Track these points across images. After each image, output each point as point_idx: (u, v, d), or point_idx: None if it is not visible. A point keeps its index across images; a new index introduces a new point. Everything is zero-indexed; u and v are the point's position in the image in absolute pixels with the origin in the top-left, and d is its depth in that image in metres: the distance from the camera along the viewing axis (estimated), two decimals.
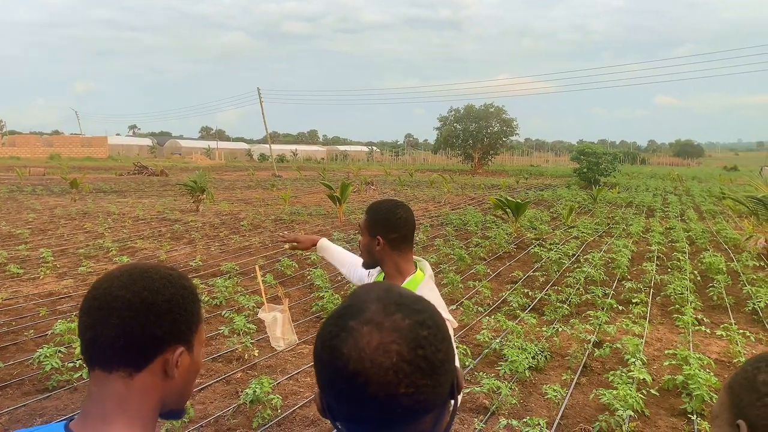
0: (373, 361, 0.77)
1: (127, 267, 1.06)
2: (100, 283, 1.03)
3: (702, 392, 4.90)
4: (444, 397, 0.82)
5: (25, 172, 34.05)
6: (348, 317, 0.82)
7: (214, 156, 73.92)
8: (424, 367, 0.78)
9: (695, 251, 12.65)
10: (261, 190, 28.33)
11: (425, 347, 0.79)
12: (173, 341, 1.02)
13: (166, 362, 1.02)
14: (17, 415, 4.72)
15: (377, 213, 2.27)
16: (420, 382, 0.78)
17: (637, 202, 24.54)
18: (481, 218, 17.28)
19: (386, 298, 0.83)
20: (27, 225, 15.02)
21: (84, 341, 1.01)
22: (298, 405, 5.01)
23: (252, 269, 9.88)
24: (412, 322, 0.80)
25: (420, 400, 0.78)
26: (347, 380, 0.78)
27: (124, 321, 0.98)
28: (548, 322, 7.38)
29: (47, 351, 5.45)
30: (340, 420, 0.83)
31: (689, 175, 48.94)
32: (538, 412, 4.92)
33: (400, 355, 0.77)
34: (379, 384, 0.77)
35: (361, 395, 0.78)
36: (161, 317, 1.01)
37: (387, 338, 0.78)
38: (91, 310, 1.00)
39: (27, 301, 7.96)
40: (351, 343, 0.79)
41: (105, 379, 1.00)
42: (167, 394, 1.04)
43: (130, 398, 1.00)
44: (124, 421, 0.99)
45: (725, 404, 1.00)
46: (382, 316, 0.80)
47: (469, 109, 55.71)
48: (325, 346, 0.82)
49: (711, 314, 7.91)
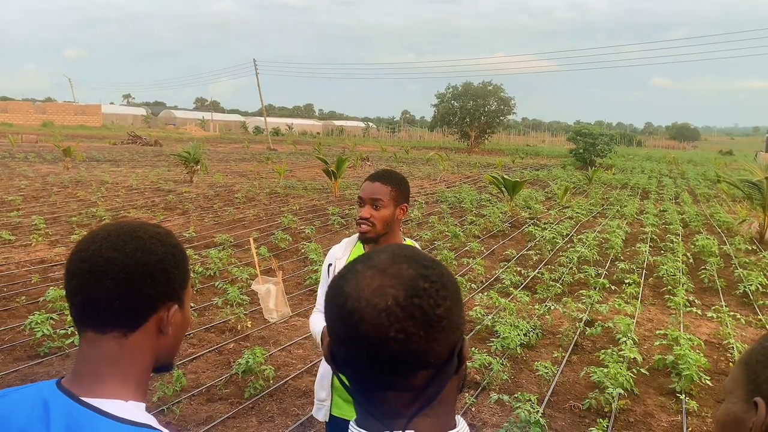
0: (368, 301, 0.78)
1: (113, 226, 1.03)
2: (86, 245, 1.00)
3: (691, 372, 4.95)
4: (441, 358, 0.81)
5: (17, 138, 33.73)
6: (357, 262, 0.85)
7: (209, 127, 73.39)
8: (418, 316, 0.78)
9: (688, 234, 12.70)
10: (256, 163, 28.18)
11: (423, 298, 0.79)
12: (167, 300, 1.02)
13: (160, 320, 1.02)
14: (9, 380, 4.72)
15: (403, 182, 2.29)
16: (411, 330, 0.77)
17: (632, 183, 24.57)
18: (476, 196, 17.27)
19: (397, 251, 0.85)
20: (19, 192, 14.91)
21: (74, 304, 0.98)
22: (290, 376, 5.02)
23: (246, 242, 9.85)
24: (416, 273, 0.81)
25: (411, 350, 0.78)
26: (344, 318, 0.80)
27: (119, 283, 0.97)
28: (540, 300, 7.41)
29: (39, 318, 5.43)
30: (340, 364, 0.84)
31: (685, 159, 48.96)
32: (529, 389, 4.96)
33: (395, 299, 0.78)
34: (370, 324, 0.77)
35: (355, 334, 0.79)
36: (155, 277, 1.00)
37: (387, 282, 0.79)
38: (81, 272, 0.97)
39: (19, 268, 7.92)
40: (353, 282, 0.81)
41: (98, 341, 0.98)
42: (160, 351, 1.04)
43: (124, 357, 0.99)
44: (117, 379, 0.97)
45: (740, 380, 0.96)
46: (388, 263, 0.82)
47: (467, 86, 55.28)
48: (332, 284, 0.85)
49: (702, 296, 7.96)
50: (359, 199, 2.29)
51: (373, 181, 2.27)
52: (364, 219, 2.23)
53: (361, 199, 2.27)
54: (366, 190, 2.26)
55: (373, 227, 2.23)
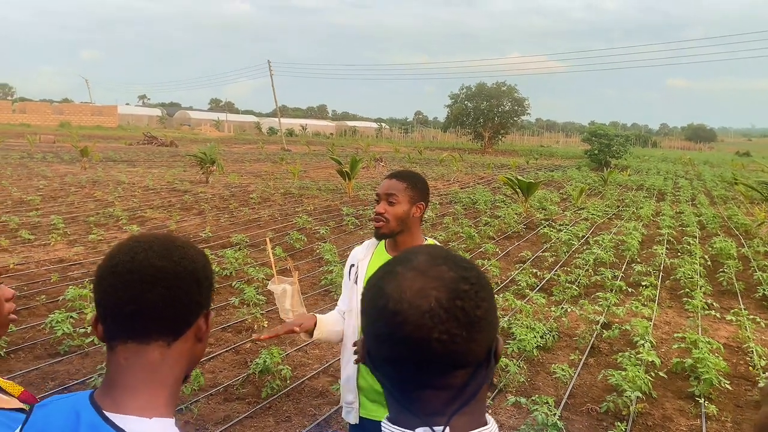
0: (411, 302, 0.80)
1: (150, 237, 1.04)
2: (131, 255, 0.99)
3: (711, 376, 4.90)
4: (479, 357, 0.83)
5: (35, 139, 34.11)
6: (396, 264, 0.86)
7: (223, 128, 73.79)
8: (461, 317, 0.80)
9: (705, 236, 12.57)
10: (270, 164, 28.31)
11: (464, 299, 0.81)
12: (206, 307, 1.05)
13: (198, 328, 1.04)
14: (29, 377, 4.78)
15: (422, 181, 2.34)
16: (454, 331, 0.79)
17: (647, 185, 24.37)
18: (490, 197, 17.22)
19: (435, 253, 0.87)
20: (38, 192, 15.09)
21: (120, 315, 0.98)
22: (306, 376, 5.05)
23: (261, 242, 9.90)
24: (456, 275, 0.82)
25: (453, 350, 0.80)
26: (386, 319, 0.81)
27: (172, 291, 0.98)
28: (557, 302, 7.38)
29: (59, 316, 5.50)
30: (378, 363, 0.85)
31: (701, 160, 48.48)
32: (546, 391, 4.94)
33: (438, 301, 0.80)
34: (414, 325, 0.79)
35: (398, 335, 0.80)
36: (200, 284, 1.03)
37: (429, 284, 0.81)
38: (133, 282, 0.97)
39: (38, 267, 8.02)
40: (394, 284, 0.82)
41: (140, 351, 0.99)
42: (192, 359, 1.05)
43: (165, 367, 1.00)
44: (152, 391, 0.98)
45: None
46: (428, 265, 0.84)
47: (481, 87, 55.14)
48: (371, 285, 0.86)
49: (720, 299, 7.88)
50: (376, 196, 2.35)
51: (390, 178, 2.33)
52: (379, 214, 2.28)
53: (378, 196, 2.33)
54: (382, 187, 2.31)
55: (386, 222, 2.27)
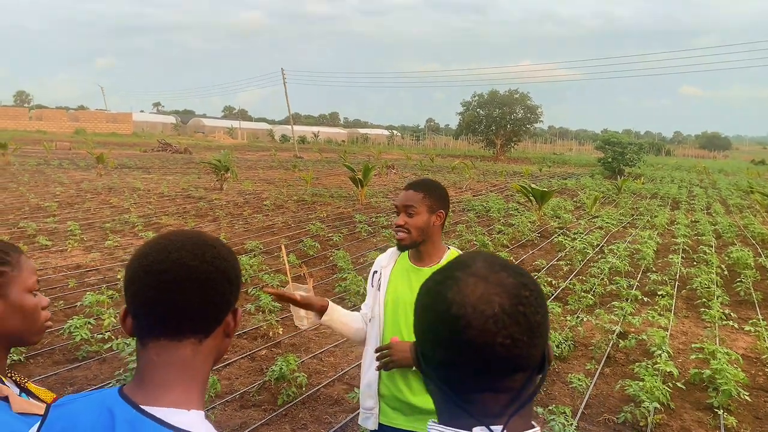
0: (475, 307, 0.82)
1: (181, 236, 1.05)
2: (165, 254, 1.01)
3: (729, 387, 4.85)
4: (536, 361, 0.85)
5: (51, 146, 34.52)
6: (455, 269, 0.88)
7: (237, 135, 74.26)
8: (523, 323, 0.82)
9: (722, 245, 12.46)
10: (283, 171, 28.42)
11: (526, 305, 0.83)
12: (234, 303, 1.07)
13: (227, 325, 1.06)
14: (48, 383, 4.82)
15: (439, 189, 2.35)
16: (517, 336, 0.81)
17: (662, 193, 24.21)
18: (503, 205, 17.18)
19: (492, 260, 0.89)
20: (54, 198, 15.26)
21: (154, 313, 1.00)
22: (322, 384, 5.05)
23: (275, 248, 9.95)
24: (517, 282, 0.85)
25: (515, 354, 0.82)
26: (448, 323, 0.83)
27: (205, 290, 1.00)
28: (572, 311, 7.34)
29: (77, 322, 5.56)
30: (434, 366, 0.87)
31: (716, 168, 48.09)
32: (562, 401, 4.91)
33: (502, 307, 0.82)
34: (478, 330, 0.81)
35: (459, 339, 0.82)
36: (231, 282, 1.05)
37: (491, 290, 0.83)
38: (167, 282, 0.99)
39: (56, 273, 8.10)
40: (455, 289, 0.84)
41: (173, 348, 1.01)
42: (218, 355, 1.08)
43: (196, 363, 1.02)
44: (185, 386, 1.00)
45: None
46: (488, 271, 0.86)
47: (493, 94, 55.09)
48: (430, 291, 0.88)
49: (738, 309, 7.81)
50: (395, 207, 2.36)
51: (407, 189, 2.33)
52: (399, 226, 2.28)
53: (397, 208, 2.33)
54: (400, 199, 2.32)
55: (408, 234, 2.27)
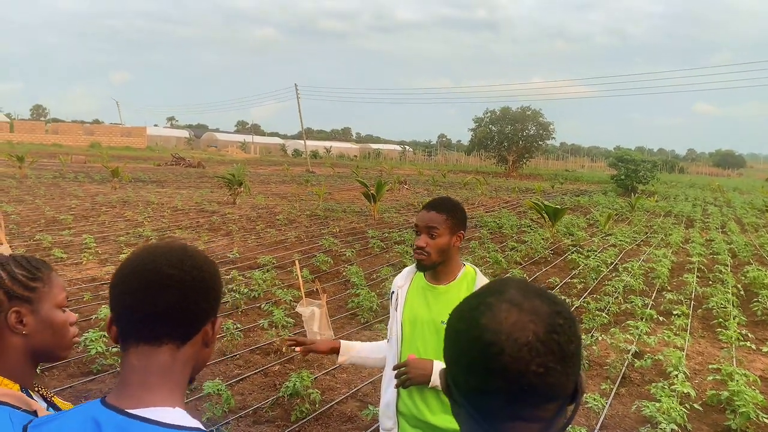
0: (509, 335, 0.81)
1: (164, 246, 1.12)
2: (144, 263, 1.07)
3: (748, 410, 4.78)
4: (568, 391, 0.84)
5: (67, 159, 34.93)
6: (488, 295, 0.87)
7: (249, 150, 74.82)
8: (556, 351, 0.81)
9: (737, 264, 12.33)
10: (295, 185, 28.55)
11: (560, 334, 0.82)
12: (213, 314, 1.11)
13: (206, 333, 1.10)
14: (64, 395, 4.84)
15: (460, 210, 2.33)
16: (551, 364, 0.80)
17: (676, 211, 24.03)
18: (516, 222, 17.13)
19: (526, 286, 0.88)
20: (70, 211, 15.42)
21: (133, 318, 1.05)
22: (335, 401, 5.04)
23: (289, 263, 9.97)
24: (551, 310, 0.84)
25: (548, 383, 0.81)
26: (481, 350, 0.82)
27: (182, 297, 1.05)
28: (586, 330, 7.28)
29: (92, 335, 5.59)
30: (465, 393, 0.86)
31: (730, 186, 47.73)
32: (578, 421, 4.86)
33: (536, 335, 0.81)
34: (512, 357, 0.80)
35: (493, 366, 0.81)
36: (208, 292, 1.09)
37: (525, 318, 0.82)
38: (144, 288, 1.04)
39: (71, 286, 8.16)
40: (489, 315, 0.83)
41: (152, 353, 1.05)
42: (198, 363, 1.12)
43: (176, 367, 1.06)
44: (167, 388, 1.05)
45: None
46: (522, 298, 0.84)
47: (505, 111, 55.25)
48: (463, 317, 0.87)
49: (755, 330, 7.71)
50: (415, 227, 2.33)
51: (429, 210, 2.30)
52: (420, 248, 2.26)
53: (417, 228, 2.30)
54: (422, 219, 2.28)
55: (428, 256, 2.25)
